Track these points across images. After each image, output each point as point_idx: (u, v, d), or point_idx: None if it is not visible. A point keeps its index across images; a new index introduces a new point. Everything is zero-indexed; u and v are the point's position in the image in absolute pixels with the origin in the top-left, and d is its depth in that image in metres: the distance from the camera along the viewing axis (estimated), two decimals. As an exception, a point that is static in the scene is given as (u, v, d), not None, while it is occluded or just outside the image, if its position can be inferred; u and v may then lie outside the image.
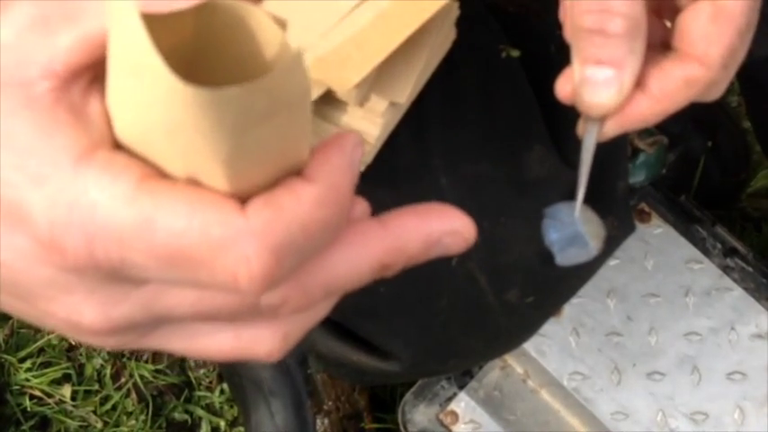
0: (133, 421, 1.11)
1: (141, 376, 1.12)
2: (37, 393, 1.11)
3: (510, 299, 0.68)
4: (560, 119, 0.67)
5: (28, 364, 1.11)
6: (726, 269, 0.96)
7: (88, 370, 1.13)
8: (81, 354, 1.13)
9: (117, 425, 1.11)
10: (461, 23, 0.60)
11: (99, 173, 0.26)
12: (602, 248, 0.48)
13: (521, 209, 0.66)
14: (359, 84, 0.53)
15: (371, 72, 0.54)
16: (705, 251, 0.96)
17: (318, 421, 1.02)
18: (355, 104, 0.57)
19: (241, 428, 1.11)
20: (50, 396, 1.11)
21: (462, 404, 0.94)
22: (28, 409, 1.10)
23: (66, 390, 1.11)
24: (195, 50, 0.27)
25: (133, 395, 1.12)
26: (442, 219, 0.30)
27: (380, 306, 0.67)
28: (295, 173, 0.27)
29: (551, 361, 0.94)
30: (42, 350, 1.13)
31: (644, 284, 0.96)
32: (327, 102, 0.57)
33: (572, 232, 0.48)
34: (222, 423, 1.11)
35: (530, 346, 0.94)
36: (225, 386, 1.12)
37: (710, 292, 0.95)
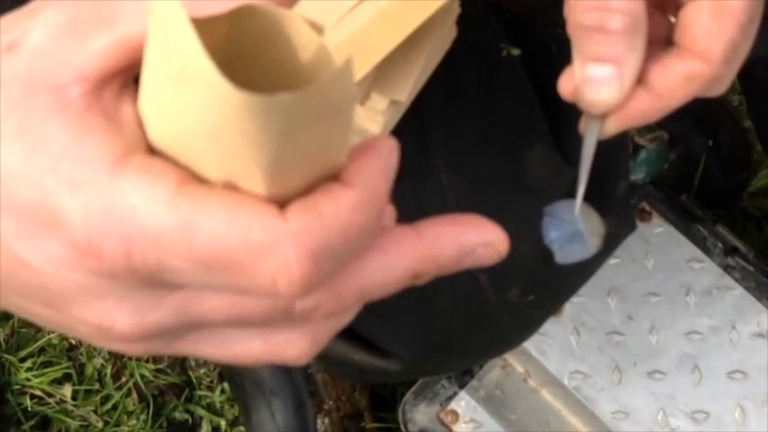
0: (134, 421, 1.11)
1: (142, 376, 1.12)
2: (37, 393, 1.11)
3: (511, 298, 0.68)
4: (561, 118, 0.67)
5: (28, 364, 1.11)
6: (727, 268, 0.96)
7: (89, 369, 1.13)
8: (82, 353, 1.13)
9: (118, 424, 1.11)
10: (462, 22, 0.60)
11: (136, 177, 0.26)
12: (601, 246, 0.48)
13: (522, 208, 0.66)
14: (359, 82, 0.53)
15: (372, 70, 0.54)
16: (706, 250, 0.96)
17: (319, 421, 1.02)
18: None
19: (242, 428, 1.11)
20: (51, 396, 1.11)
21: (463, 403, 0.94)
22: (29, 409, 1.10)
23: (66, 389, 1.11)
24: (228, 55, 0.26)
25: (134, 395, 1.12)
26: (477, 230, 0.30)
27: (381, 305, 0.67)
28: (331, 177, 0.27)
29: (552, 360, 0.94)
30: (43, 350, 1.13)
31: (645, 283, 0.96)
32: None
33: (572, 230, 0.48)
34: (223, 423, 1.11)
35: (530, 346, 0.94)
36: (226, 386, 1.12)
37: (711, 292, 0.95)
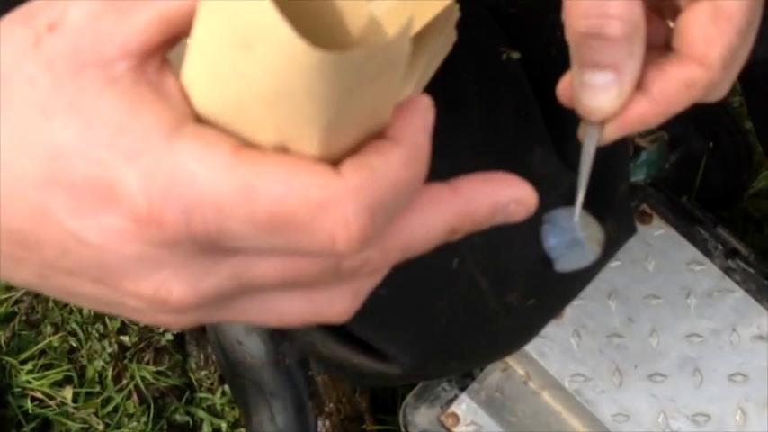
0: (134, 423, 1.11)
1: (142, 378, 1.12)
2: (38, 395, 1.11)
3: (511, 301, 0.68)
4: (561, 121, 0.67)
5: (29, 366, 1.11)
6: (727, 270, 0.96)
7: (89, 372, 1.13)
8: (82, 356, 1.13)
9: (118, 427, 1.11)
10: (462, 25, 0.60)
11: (193, 145, 0.26)
12: (600, 253, 0.48)
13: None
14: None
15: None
16: (706, 252, 0.96)
17: (320, 423, 1.02)
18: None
19: (242, 430, 1.11)
20: (52, 398, 1.11)
21: (463, 406, 0.94)
22: (29, 412, 1.10)
23: (67, 392, 1.11)
24: None
25: (134, 397, 1.12)
26: (510, 187, 0.31)
27: (381, 308, 0.67)
28: (375, 135, 0.28)
29: (553, 362, 0.94)
30: (44, 352, 1.13)
31: (645, 286, 0.96)
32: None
33: (571, 238, 0.48)
34: (223, 425, 1.11)
35: (531, 348, 0.94)
36: (226, 388, 1.11)
37: (712, 294, 0.95)
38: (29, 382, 1.11)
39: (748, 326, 0.94)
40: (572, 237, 0.47)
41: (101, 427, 1.11)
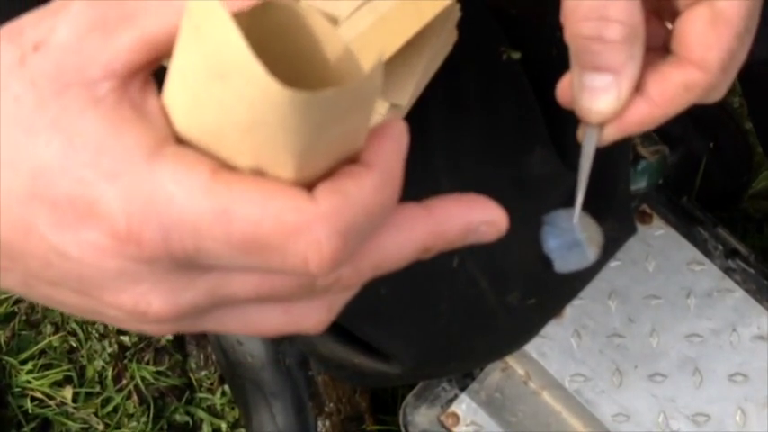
0: (134, 423, 1.11)
1: (142, 378, 1.12)
2: (38, 395, 1.11)
3: (511, 301, 0.68)
4: (561, 121, 0.67)
5: (29, 366, 1.11)
6: (727, 271, 0.96)
7: (89, 372, 1.13)
8: (82, 356, 1.13)
9: (118, 427, 1.11)
10: (462, 25, 0.60)
11: (172, 166, 0.27)
12: (600, 255, 0.48)
13: (522, 211, 0.66)
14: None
15: (372, 74, 0.53)
16: (707, 253, 0.96)
17: (320, 423, 1.02)
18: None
19: (242, 430, 1.11)
20: (52, 398, 1.11)
21: (463, 406, 0.94)
22: (29, 411, 1.10)
23: (67, 392, 1.11)
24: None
25: (134, 397, 1.12)
26: (481, 209, 0.32)
27: (381, 308, 0.67)
28: (350, 160, 0.29)
29: (553, 362, 0.94)
30: (43, 352, 1.13)
31: (645, 286, 0.96)
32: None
33: (570, 239, 0.48)
34: (223, 425, 1.11)
35: (531, 348, 0.94)
36: (226, 388, 1.12)
37: (712, 294, 0.95)
38: (29, 382, 1.11)
39: (748, 326, 0.94)
40: (572, 238, 0.47)
41: (101, 427, 1.11)
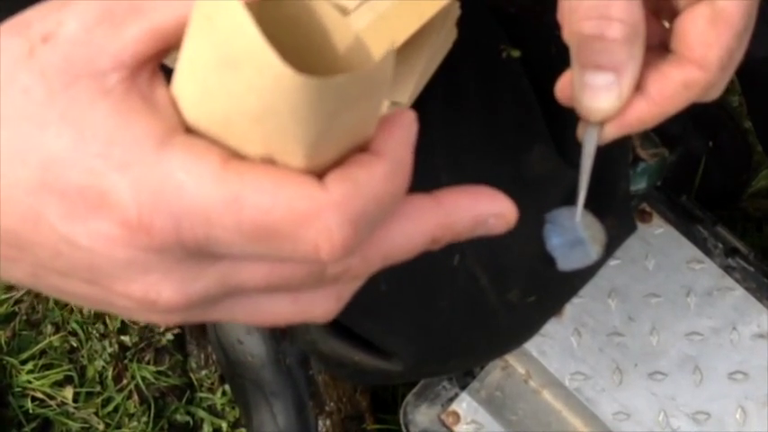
0: (135, 423, 1.11)
1: (143, 378, 1.12)
2: (39, 395, 1.11)
3: (511, 298, 0.68)
4: (561, 119, 0.67)
5: (30, 366, 1.11)
6: (727, 269, 0.96)
7: (90, 372, 1.13)
8: (83, 356, 1.13)
9: (119, 427, 1.11)
10: (462, 24, 0.60)
11: (183, 156, 0.27)
12: (602, 253, 0.48)
13: (522, 208, 0.66)
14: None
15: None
16: (706, 251, 0.96)
17: (320, 422, 1.02)
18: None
19: (243, 430, 1.11)
20: (52, 398, 1.11)
21: (464, 405, 0.94)
22: (30, 411, 1.10)
23: (67, 392, 1.11)
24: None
25: (135, 397, 1.12)
26: (491, 201, 0.32)
27: (382, 306, 0.67)
28: (360, 148, 0.29)
29: (553, 361, 0.94)
30: (44, 352, 1.13)
31: (645, 284, 0.96)
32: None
33: (573, 237, 0.48)
34: (224, 425, 1.11)
35: (531, 347, 0.94)
36: (227, 388, 1.12)
37: (712, 292, 0.95)
38: (29, 382, 1.11)
39: (748, 324, 0.94)
40: (574, 236, 0.48)
41: (101, 427, 1.11)
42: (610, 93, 0.42)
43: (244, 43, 0.25)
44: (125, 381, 1.13)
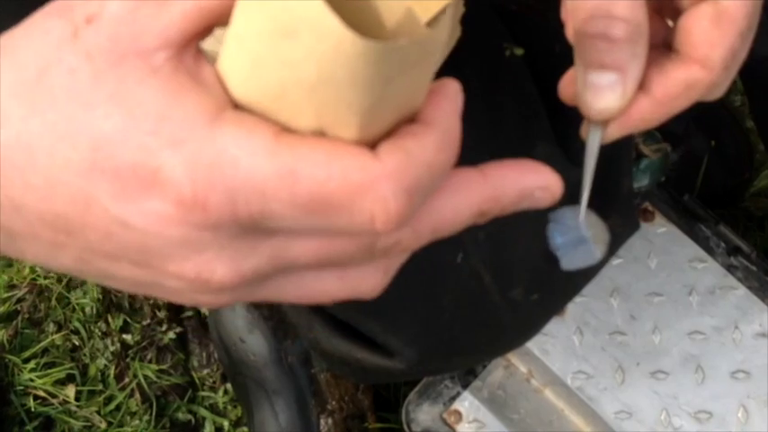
0: (137, 421, 1.11)
1: (145, 376, 1.12)
2: (41, 394, 1.11)
3: (514, 296, 0.68)
4: (565, 117, 0.67)
5: (32, 365, 1.11)
6: (730, 268, 0.96)
7: (92, 370, 1.13)
8: (85, 354, 1.13)
9: (121, 425, 1.11)
10: (466, 22, 0.60)
11: (234, 131, 0.27)
12: (606, 253, 0.48)
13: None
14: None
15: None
16: (709, 250, 0.96)
17: (322, 421, 1.02)
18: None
19: (245, 429, 1.11)
20: (54, 396, 1.11)
21: (466, 403, 0.94)
22: (32, 410, 1.10)
23: (69, 390, 1.11)
24: None
25: (137, 395, 1.12)
26: (537, 174, 0.32)
27: (384, 303, 0.67)
28: (409, 119, 0.29)
29: (555, 360, 0.94)
30: (46, 350, 1.13)
31: (648, 283, 0.96)
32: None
33: (577, 237, 0.48)
34: (226, 423, 1.11)
35: (533, 346, 0.94)
36: (228, 386, 1.12)
37: (714, 291, 0.95)
38: (31, 381, 1.11)
39: (750, 323, 0.94)
40: (578, 235, 0.47)
41: (103, 426, 1.11)
42: (613, 92, 0.42)
43: (304, 10, 0.25)
44: (127, 379, 1.13)
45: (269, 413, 1.03)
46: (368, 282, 0.31)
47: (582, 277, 0.74)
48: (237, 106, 0.28)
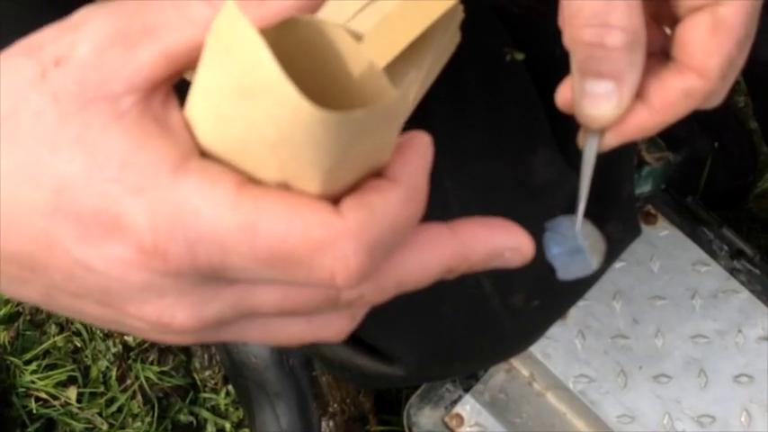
0: (138, 423, 1.11)
1: (147, 378, 1.12)
2: (42, 395, 1.11)
3: (515, 303, 0.68)
4: (565, 122, 0.66)
5: (33, 367, 1.11)
6: (732, 271, 0.96)
7: (93, 372, 1.13)
8: (86, 356, 1.13)
9: (122, 427, 1.11)
10: (466, 26, 0.60)
11: (197, 181, 0.27)
12: (602, 263, 0.48)
13: (526, 212, 0.66)
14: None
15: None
16: (712, 253, 0.96)
17: (323, 423, 1.02)
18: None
19: (246, 430, 1.11)
20: (56, 398, 1.11)
21: (468, 407, 0.94)
22: (33, 412, 1.10)
23: (71, 392, 1.11)
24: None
25: (138, 397, 1.12)
26: (508, 234, 0.32)
27: (385, 310, 0.67)
28: (376, 173, 0.29)
29: (557, 364, 0.94)
30: (48, 352, 1.13)
31: (650, 287, 0.95)
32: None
33: (573, 246, 0.47)
34: (227, 425, 1.11)
35: (535, 349, 0.94)
36: (230, 388, 1.12)
37: (717, 295, 0.95)
38: (33, 383, 1.11)
39: (753, 327, 0.94)
40: (574, 245, 0.47)
41: (105, 428, 1.11)
42: (610, 101, 0.41)
43: (262, 75, 0.25)
44: (129, 381, 1.13)
45: (270, 416, 1.03)
46: (334, 327, 0.31)
47: (583, 283, 0.74)
48: (205, 153, 0.28)
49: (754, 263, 0.96)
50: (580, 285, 0.74)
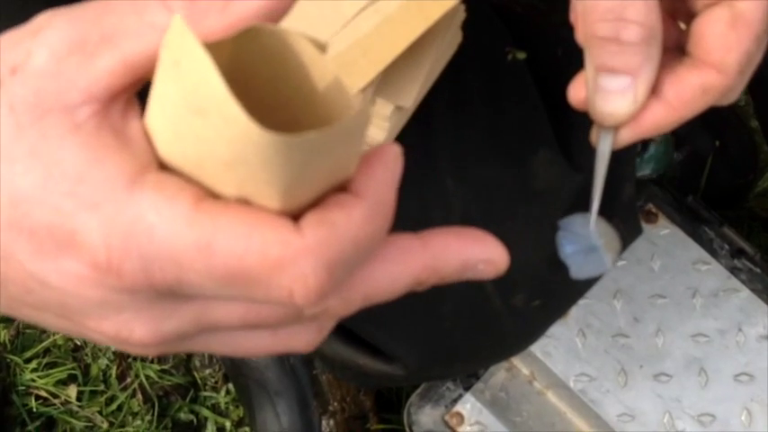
0: (139, 421, 1.11)
1: (147, 377, 1.12)
2: (42, 394, 1.11)
3: (516, 303, 0.68)
4: (567, 122, 0.66)
5: (33, 365, 1.11)
6: (733, 270, 0.96)
7: (94, 370, 1.13)
8: (87, 354, 1.13)
9: (123, 425, 1.11)
10: (467, 26, 0.60)
11: (153, 196, 0.26)
12: (616, 261, 0.47)
13: (528, 213, 0.66)
14: (364, 88, 0.53)
15: (377, 76, 0.53)
16: (712, 252, 0.96)
17: (324, 422, 1.02)
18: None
19: (246, 429, 1.11)
20: (56, 396, 1.11)
21: (468, 406, 0.94)
22: (34, 410, 1.10)
23: (71, 390, 1.11)
24: (232, 72, 0.27)
25: (139, 395, 1.12)
26: (481, 246, 0.30)
27: (386, 310, 0.67)
28: (340, 186, 0.28)
29: (557, 362, 0.94)
30: (48, 350, 1.13)
31: (651, 286, 0.95)
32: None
33: (587, 245, 0.47)
34: (228, 423, 1.11)
35: (536, 348, 0.94)
36: (230, 386, 1.11)
37: (718, 294, 0.95)
38: (33, 381, 1.11)
39: (754, 326, 0.94)
40: (588, 244, 0.47)
41: (105, 426, 1.11)
42: (625, 97, 0.41)
43: (210, 93, 0.24)
44: (129, 379, 1.13)
45: (271, 414, 1.02)
46: (300, 339, 0.30)
47: (584, 283, 0.74)
48: (165, 164, 0.28)
49: (754, 261, 0.96)
50: (580, 285, 0.74)
